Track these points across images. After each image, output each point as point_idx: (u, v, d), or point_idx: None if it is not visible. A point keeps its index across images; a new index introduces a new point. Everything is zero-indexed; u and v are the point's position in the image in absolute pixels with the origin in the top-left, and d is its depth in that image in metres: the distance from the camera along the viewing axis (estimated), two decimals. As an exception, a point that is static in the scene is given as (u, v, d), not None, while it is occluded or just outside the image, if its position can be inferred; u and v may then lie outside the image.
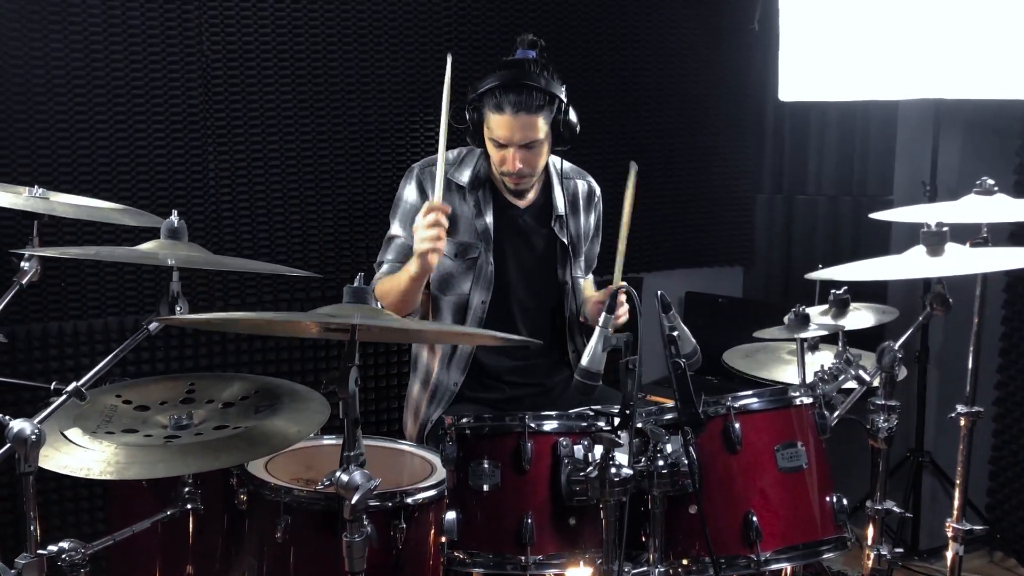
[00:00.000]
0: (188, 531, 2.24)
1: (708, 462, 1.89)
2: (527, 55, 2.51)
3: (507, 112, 2.41)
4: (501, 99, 2.41)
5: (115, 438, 1.91)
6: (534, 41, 2.51)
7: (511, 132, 2.44)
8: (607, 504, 1.78)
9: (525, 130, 2.43)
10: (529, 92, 2.41)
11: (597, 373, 1.92)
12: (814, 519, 1.93)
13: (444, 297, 2.63)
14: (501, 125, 2.44)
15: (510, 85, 2.41)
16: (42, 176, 2.81)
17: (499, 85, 2.42)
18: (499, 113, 2.42)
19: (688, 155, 3.89)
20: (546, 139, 2.49)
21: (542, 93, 2.42)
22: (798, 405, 1.97)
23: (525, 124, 2.43)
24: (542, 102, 2.43)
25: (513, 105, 2.40)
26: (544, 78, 2.44)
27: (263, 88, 3.10)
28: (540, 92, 2.42)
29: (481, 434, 1.95)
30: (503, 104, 2.41)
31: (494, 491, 1.90)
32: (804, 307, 2.30)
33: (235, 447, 1.88)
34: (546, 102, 2.44)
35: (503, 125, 2.43)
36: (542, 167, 2.56)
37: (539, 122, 2.44)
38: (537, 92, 2.42)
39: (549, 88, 2.44)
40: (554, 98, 2.45)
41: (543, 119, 2.44)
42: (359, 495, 1.73)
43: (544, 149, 2.51)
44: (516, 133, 2.44)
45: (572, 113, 2.51)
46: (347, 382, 1.70)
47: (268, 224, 3.17)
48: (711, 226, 4.00)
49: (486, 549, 1.90)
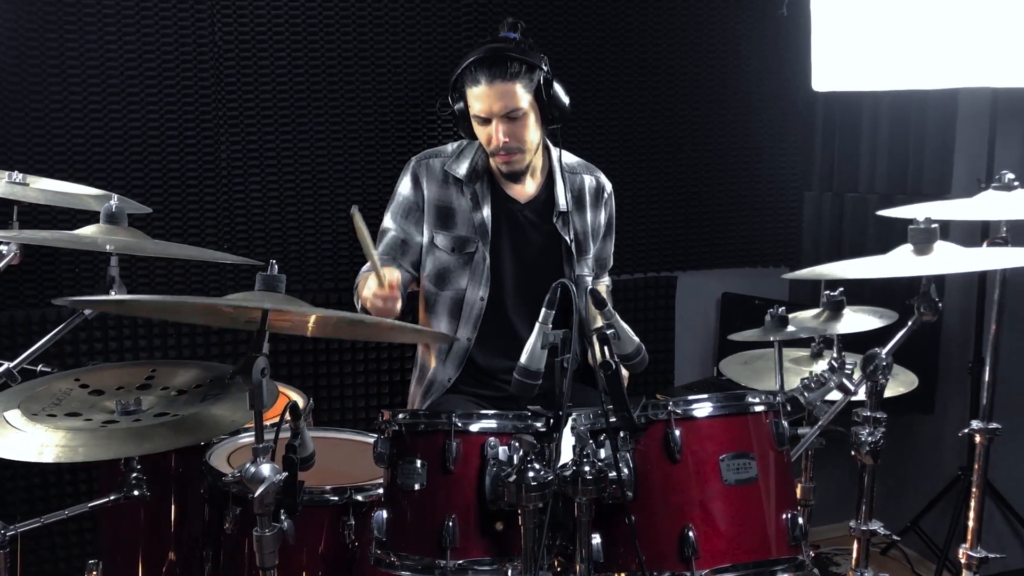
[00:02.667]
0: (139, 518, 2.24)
1: (646, 471, 1.76)
2: (508, 36, 2.44)
3: (483, 82, 2.37)
4: (477, 72, 2.37)
5: (54, 422, 1.90)
6: (514, 23, 2.45)
7: (490, 103, 2.38)
8: (525, 510, 1.68)
9: (504, 99, 2.37)
10: (503, 60, 2.36)
11: (537, 371, 1.81)
12: (764, 537, 1.77)
13: (441, 292, 2.56)
14: (479, 97, 2.39)
15: (484, 56, 2.37)
16: (57, 165, 2.89)
17: (474, 59, 2.38)
18: (476, 86, 2.38)
19: (726, 150, 3.70)
20: (531, 110, 2.41)
21: (517, 61, 2.36)
22: (752, 412, 1.82)
23: (502, 92, 2.37)
24: (518, 70, 2.37)
25: (488, 75, 2.36)
26: (522, 48, 2.38)
27: (276, 77, 3.10)
28: (515, 60, 2.36)
29: (415, 431, 1.87)
30: (479, 76, 2.37)
31: (422, 491, 1.82)
32: (782, 307, 2.13)
33: (162, 434, 1.85)
34: (523, 71, 2.37)
35: (481, 96, 2.38)
36: (532, 142, 2.47)
37: (517, 89, 2.37)
38: (512, 60, 2.36)
39: (525, 56, 2.37)
40: (532, 66, 2.38)
41: (522, 87, 2.38)
42: (263, 488, 1.68)
43: (529, 122, 2.43)
44: (495, 103, 2.38)
45: (558, 87, 2.43)
46: (251, 372, 1.65)
47: (280, 214, 3.16)
48: (753, 224, 3.80)
49: (412, 551, 1.82)
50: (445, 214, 2.54)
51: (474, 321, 2.55)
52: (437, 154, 2.59)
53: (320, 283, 3.22)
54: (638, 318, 3.64)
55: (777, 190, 3.81)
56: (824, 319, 2.23)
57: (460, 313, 2.56)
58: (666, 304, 3.70)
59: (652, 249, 3.66)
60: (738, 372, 2.48)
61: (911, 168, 3.53)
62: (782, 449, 1.83)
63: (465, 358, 2.58)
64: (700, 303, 3.77)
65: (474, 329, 2.55)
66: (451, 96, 2.46)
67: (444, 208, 2.54)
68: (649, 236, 3.65)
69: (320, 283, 3.22)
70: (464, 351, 2.57)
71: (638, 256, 3.64)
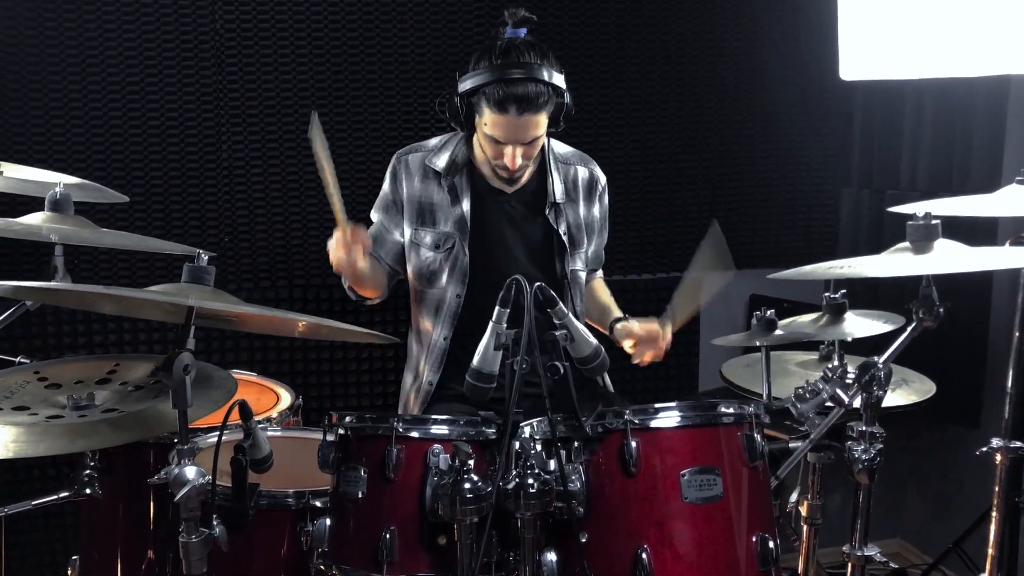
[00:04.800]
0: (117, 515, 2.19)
1: (600, 485, 1.63)
2: (517, 35, 2.26)
3: (511, 114, 2.17)
4: (504, 99, 2.16)
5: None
6: (526, 17, 2.26)
7: (514, 132, 2.21)
8: (460, 524, 1.55)
9: (529, 129, 2.21)
10: (536, 92, 2.17)
11: (490, 374, 1.68)
12: (730, 560, 1.62)
13: (428, 291, 2.43)
14: (502, 125, 2.20)
15: (513, 89, 2.15)
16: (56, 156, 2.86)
17: (501, 85, 2.16)
18: (501, 113, 2.18)
19: (754, 144, 3.51)
20: (544, 133, 2.27)
21: (547, 87, 2.18)
22: (722, 424, 1.66)
23: (529, 124, 2.19)
24: (547, 99, 2.19)
25: (518, 107, 2.16)
26: (546, 69, 2.20)
27: (279, 67, 3.02)
28: (545, 87, 2.18)
29: (361, 435, 1.76)
30: (507, 105, 2.16)
31: (363, 500, 1.71)
32: (771, 310, 1.95)
33: (101, 432, 1.78)
34: (551, 96, 2.21)
35: (504, 125, 2.20)
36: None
37: (543, 118, 2.22)
38: (543, 88, 2.18)
39: (552, 81, 2.19)
40: (559, 90, 2.22)
41: (546, 112, 2.22)
42: (185, 491, 1.59)
43: (540, 143, 2.30)
44: (519, 132, 2.21)
45: (568, 95, 2.27)
46: (171, 368, 1.56)
47: (283, 206, 3.09)
48: (784, 223, 3.59)
49: (352, 564, 1.72)
50: (427, 210, 2.41)
51: (450, 320, 2.41)
52: (418, 148, 2.45)
53: (323, 277, 3.14)
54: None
55: (811, 187, 3.60)
56: (824, 323, 2.05)
57: (439, 312, 2.44)
58: (691, 305, 3.52)
59: (676, 248, 3.48)
60: (742, 376, 2.31)
61: (957, 162, 3.29)
62: (755, 464, 1.67)
63: (443, 359, 2.44)
64: (727, 305, 3.58)
65: (450, 328, 2.41)
66: (460, 100, 2.26)
67: (425, 204, 2.41)
68: (672, 234, 3.48)
69: (323, 277, 3.14)
70: (442, 352, 2.43)
71: (661, 255, 3.48)
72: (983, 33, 2.65)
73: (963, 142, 3.27)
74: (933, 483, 3.50)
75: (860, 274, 1.71)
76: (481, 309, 2.40)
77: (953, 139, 3.29)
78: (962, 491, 3.41)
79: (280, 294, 3.12)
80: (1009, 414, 2.04)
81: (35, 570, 2.96)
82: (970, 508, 3.29)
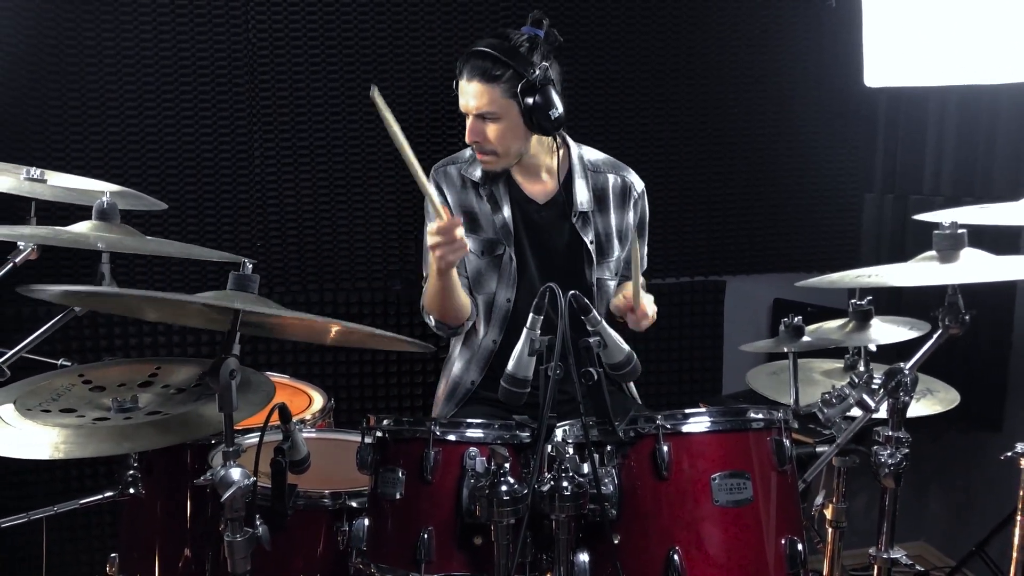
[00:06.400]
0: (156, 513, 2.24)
1: (632, 488, 1.67)
2: (532, 31, 2.37)
3: (464, 77, 2.34)
4: (463, 65, 2.35)
5: (47, 418, 1.90)
6: (539, 19, 2.37)
7: (467, 99, 2.35)
8: (497, 525, 1.60)
9: (478, 98, 2.33)
10: (488, 59, 2.30)
11: (524, 379, 1.73)
12: (760, 563, 1.66)
13: (478, 296, 2.51)
14: (460, 90, 2.37)
15: (472, 51, 2.34)
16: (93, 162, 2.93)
17: (466, 52, 2.36)
18: (460, 78, 2.36)
19: (778, 149, 3.54)
20: (507, 116, 2.33)
21: (500, 63, 2.29)
22: (752, 429, 1.70)
23: (478, 92, 2.32)
24: (500, 73, 2.30)
25: (470, 70, 2.33)
26: (514, 51, 2.30)
27: (310, 75, 3.08)
28: (500, 63, 2.29)
29: (398, 438, 1.81)
30: (463, 69, 2.34)
31: (401, 501, 1.76)
32: (798, 317, 1.99)
33: (146, 434, 1.83)
34: (506, 75, 2.30)
35: (462, 91, 2.36)
36: (511, 149, 2.39)
37: (494, 93, 2.31)
38: (496, 62, 2.29)
39: (511, 60, 2.29)
40: (517, 73, 2.29)
41: (500, 92, 2.31)
42: (231, 492, 1.64)
43: (505, 127, 2.35)
44: (471, 100, 2.34)
45: (551, 94, 2.31)
46: (218, 373, 1.61)
47: (314, 214, 3.14)
48: (808, 227, 3.62)
49: (390, 563, 1.76)
50: (470, 218, 2.48)
51: (500, 323, 2.49)
52: (453, 161, 2.54)
53: (353, 282, 3.19)
54: (684, 323, 3.51)
55: (834, 191, 3.63)
56: (850, 329, 2.08)
57: (491, 315, 2.50)
58: (714, 310, 3.56)
59: (700, 252, 3.52)
60: (765, 384, 2.34)
61: (980, 168, 3.31)
62: (784, 469, 1.71)
63: (489, 360, 2.51)
64: (750, 309, 3.62)
65: (500, 331, 2.49)
66: (456, 80, 2.41)
67: (468, 212, 2.48)
68: (696, 238, 3.51)
69: (353, 282, 3.19)
70: (489, 353, 2.51)
71: (685, 259, 3.51)
72: (1006, 41, 2.68)
73: (986, 148, 3.29)
74: (956, 487, 3.51)
75: (887, 283, 1.74)
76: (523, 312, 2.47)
77: (976, 145, 3.31)
78: (984, 495, 3.43)
79: (311, 298, 3.17)
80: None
81: (73, 567, 3.02)
82: (992, 511, 3.31)
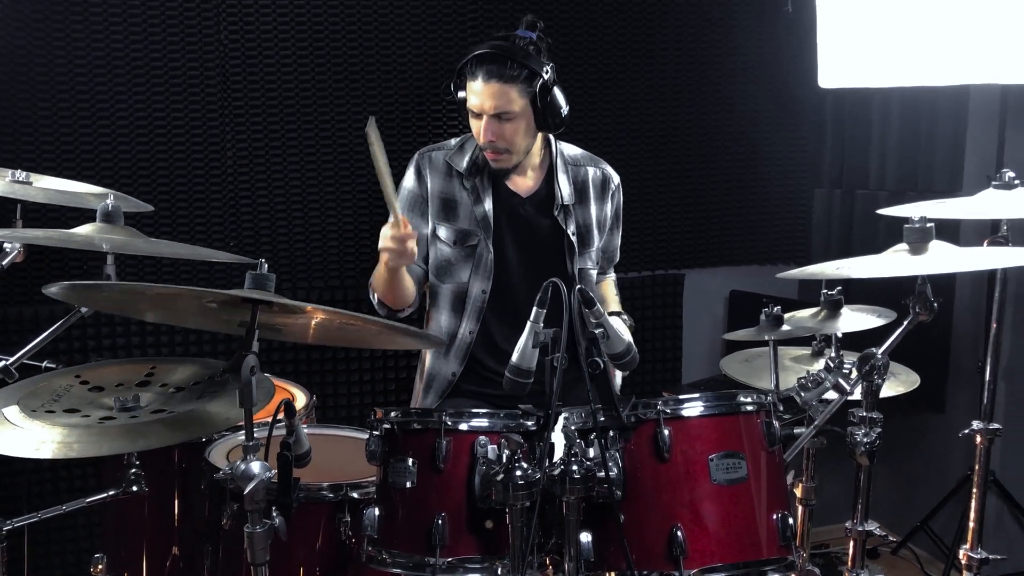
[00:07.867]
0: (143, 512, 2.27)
1: (635, 470, 1.77)
2: (526, 35, 2.45)
3: (480, 79, 2.40)
4: (476, 67, 2.40)
5: (52, 418, 1.92)
6: (533, 22, 2.47)
7: (483, 100, 2.41)
8: (512, 509, 1.69)
9: (496, 99, 2.40)
10: (503, 61, 2.38)
11: (528, 370, 1.80)
12: (754, 537, 1.77)
13: (442, 285, 2.58)
14: (474, 92, 2.42)
15: (486, 53, 2.40)
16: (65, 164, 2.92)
17: (477, 53, 2.41)
18: (473, 80, 2.41)
19: (734, 147, 3.69)
20: (523, 115, 2.43)
21: (517, 64, 2.38)
22: (743, 412, 1.81)
23: (496, 93, 2.39)
24: (516, 73, 2.39)
25: (486, 72, 2.39)
26: (526, 52, 2.40)
27: (282, 75, 3.12)
28: (515, 63, 2.38)
29: (407, 430, 1.88)
30: (477, 71, 2.40)
31: (412, 490, 1.83)
32: (777, 307, 2.12)
33: (157, 431, 1.86)
34: (522, 75, 2.39)
35: (476, 92, 2.42)
36: (521, 145, 2.49)
37: (512, 93, 2.39)
38: (512, 62, 2.38)
39: (526, 60, 2.38)
40: (533, 73, 2.39)
41: (517, 92, 2.40)
42: (253, 485, 1.70)
43: (521, 126, 2.44)
44: (487, 101, 2.40)
45: (558, 94, 2.44)
46: (239, 370, 1.67)
47: (287, 212, 3.18)
48: (762, 222, 3.77)
49: (403, 549, 1.84)
50: (448, 206, 2.56)
51: (476, 314, 2.57)
52: (439, 147, 2.62)
53: (326, 280, 3.24)
54: (645, 316, 3.63)
55: (787, 187, 3.79)
56: (822, 318, 2.22)
57: (463, 306, 2.57)
58: (673, 302, 3.69)
59: (659, 246, 3.65)
60: (738, 370, 2.47)
61: (921, 165, 3.50)
62: (773, 449, 1.83)
63: (468, 352, 2.59)
64: (708, 301, 3.76)
65: (476, 322, 2.57)
66: (455, 83, 2.48)
67: (447, 200, 2.56)
68: (656, 233, 3.63)
69: (326, 280, 3.24)
70: (467, 345, 2.58)
71: (645, 253, 3.63)
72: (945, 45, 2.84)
73: (927, 146, 3.48)
74: (901, 467, 3.70)
75: (861, 275, 1.87)
76: (501, 305, 2.57)
77: (918, 143, 3.50)
78: (928, 474, 3.62)
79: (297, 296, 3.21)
80: (987, 399, 2.21)
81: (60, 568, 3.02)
82: (935, 489, 3.52)
